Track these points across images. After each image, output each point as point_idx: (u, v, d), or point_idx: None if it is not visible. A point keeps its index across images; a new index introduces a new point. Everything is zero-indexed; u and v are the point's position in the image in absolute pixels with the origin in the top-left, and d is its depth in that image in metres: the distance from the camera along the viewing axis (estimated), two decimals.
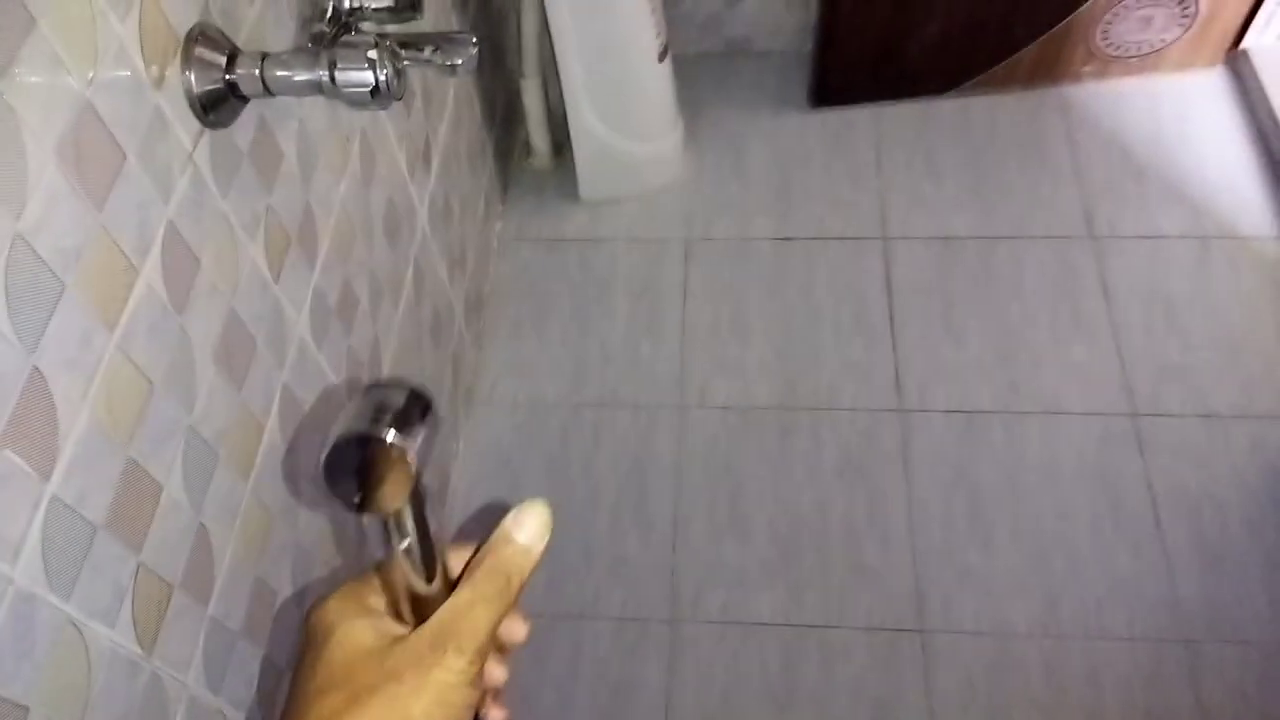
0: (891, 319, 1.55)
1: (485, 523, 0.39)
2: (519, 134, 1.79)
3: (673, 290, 1.61)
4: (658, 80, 1.58)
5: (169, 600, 0.70)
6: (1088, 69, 1.82)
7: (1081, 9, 1.70)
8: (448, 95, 1.39)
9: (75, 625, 0.60)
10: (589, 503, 1.41)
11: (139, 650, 0.67)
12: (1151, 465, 1.39)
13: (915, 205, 1.67)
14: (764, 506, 1.39)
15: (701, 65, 1.88)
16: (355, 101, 0.70)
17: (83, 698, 0.61)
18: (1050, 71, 1.81)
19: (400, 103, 1.18)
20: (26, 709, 0.56)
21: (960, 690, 1.24)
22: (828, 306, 1.57)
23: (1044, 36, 1.74)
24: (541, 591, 1.34)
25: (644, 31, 1.48)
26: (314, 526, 0.95)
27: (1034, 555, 1.33)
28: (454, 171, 1.42)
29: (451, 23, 1.37)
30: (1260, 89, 1.75)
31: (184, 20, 0.68)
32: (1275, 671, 1.23)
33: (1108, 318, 1.53)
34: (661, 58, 1.54)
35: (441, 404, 1.37)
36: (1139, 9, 1.71)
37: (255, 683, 0.84)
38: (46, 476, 0.57)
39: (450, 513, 1.41)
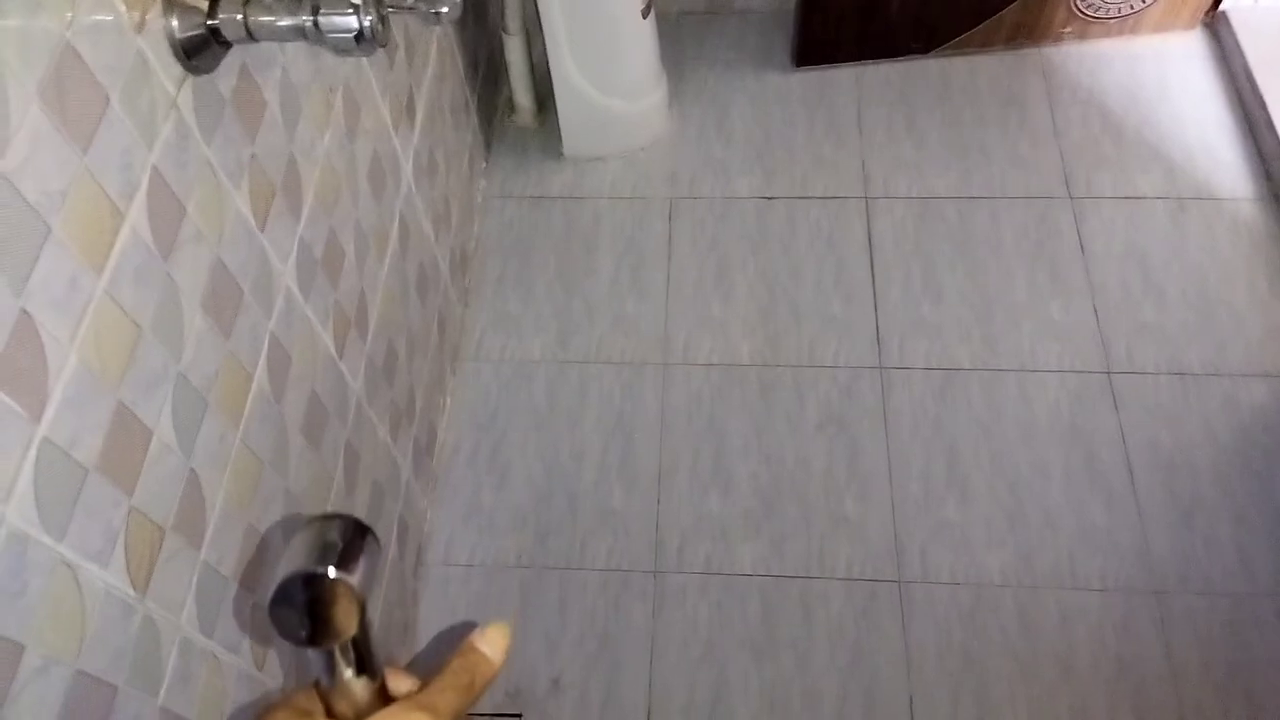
0: (873, 277, 1.56)
1: (450, 641, 0.41)
2: (502, 91, 1.78)
3: (657, 248, 1.62)
4: (641, 37, 1.57)
5: (161, 543, 0.71)
6: (1068, 30, 1.82)
7: None
8: (430, 49, 1.38)
9: (68, 565, 0.61)
10: (575, 457, 1.42)
11: (132, 591, 0.68)
12: (1126, 421, 1.42)
13: (896, 165, 1.68)
14: (747, 460, 1.41)
15: (684, 24, 1.87)
16: (339, 48, 0.69)
17: (78, 637, 0.62)
18: (1030, 32, 1.81)
19: (383, 55, 1.17)
20: (22, 646, 0.57)
21: (937, 639, 1.27)
22: (810, 265, 1.58)
23: None
24: (530, 543, 1.36)
25: None
26: (303, 475, 0.96)
27: (1009, 508, 1.36)
28: (438, 126, 1.42)
29: None
30: (1238, 51, 1.76)
31: None
32: (1242, 621, 1.27)
33: (1085, 277, 1.55)
34: (645, 14, 1.54)
35: (428, 360, 1.38)
36: None
37: (247, 626, 0.85)
38: (37, 418, 0.57)
39: (437, 469, 1.42)
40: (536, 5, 1.47)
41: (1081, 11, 1.79)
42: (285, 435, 0.92)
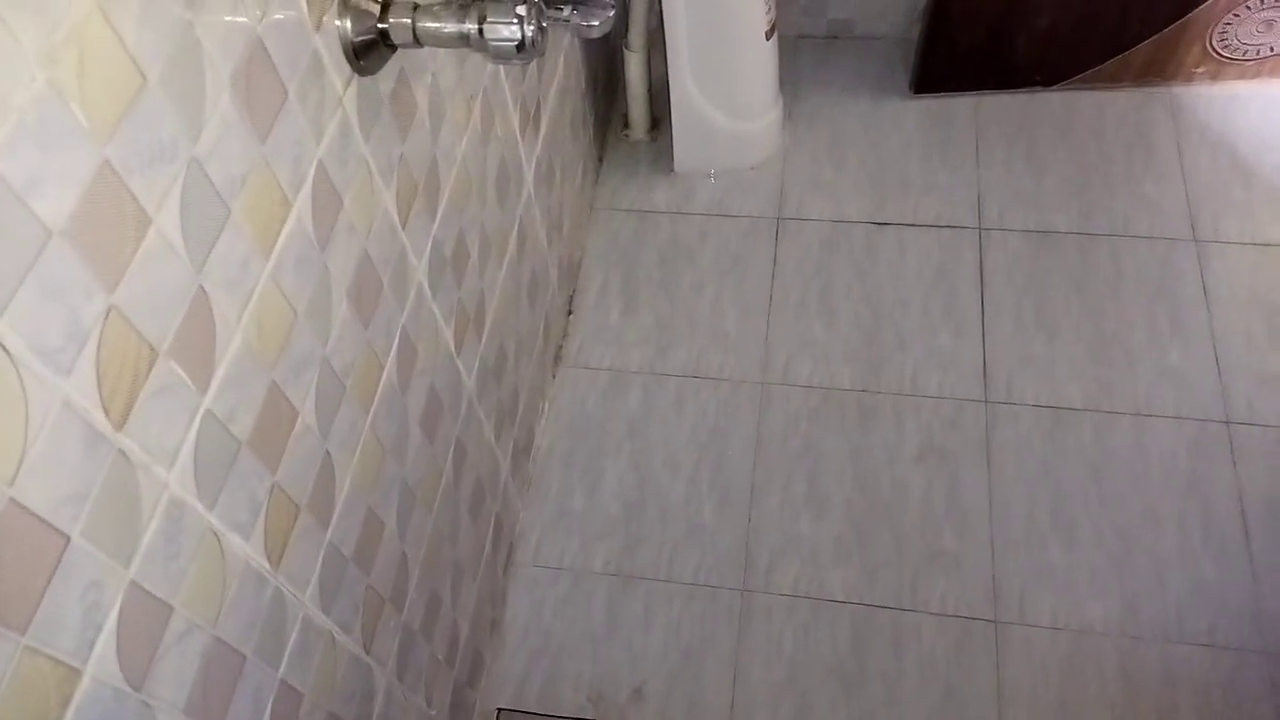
0: (982, 310, 1.53)
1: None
2: (618, 105, 1.81)
3: (762, 267, 1.62)
4: (762, 58, 1.58)
5: (296, 520, 0.74)
6: (1201, 70, 1.76)
7: (1200, 8, 1.65)
8: (558, 62, 1.41)
9: (216, 534, 0.64)
10: (668, 469, 1.43)
11: (268, 565, 0.71)
12: (1243, 474, 1.36)
13: (1013, 197, 1.65)
14: (842, 486, 1.39)
15: (803, 46, 1.87)
16: (500, 55, 0.72)
17: (217, 604, 0.65)
18: (1161, 70, 1.76)
19: (520, 64, 1.21)
20: (171, 608, 0.60)
21: (1032, 682, 1.24)
22: (917, 293, 1.56)
23: (1158, 35, 1.69)
24: (618, 553, 1.37)
25: (754, 8, 1.48)
26: (419, 465, 0.99)
27: (1116, 556, 1.31)
28: (558, 137, 1.45)
29: None
30: None
31: None
32: None
33: (1207, 323, 1.50)
34: (769, 36, 1.55)
35: (533, 363, 1.41)
36: (1263, 10, 1.66)
37: (360, 609, 0.88)
38: (204, 390, 0.60)
39: (533, 471, 1.45)
40: (661, 23, 1.49)
41: (1217, 52, 1.73)
42: (406, 426, 0.95)
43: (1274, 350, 1.46)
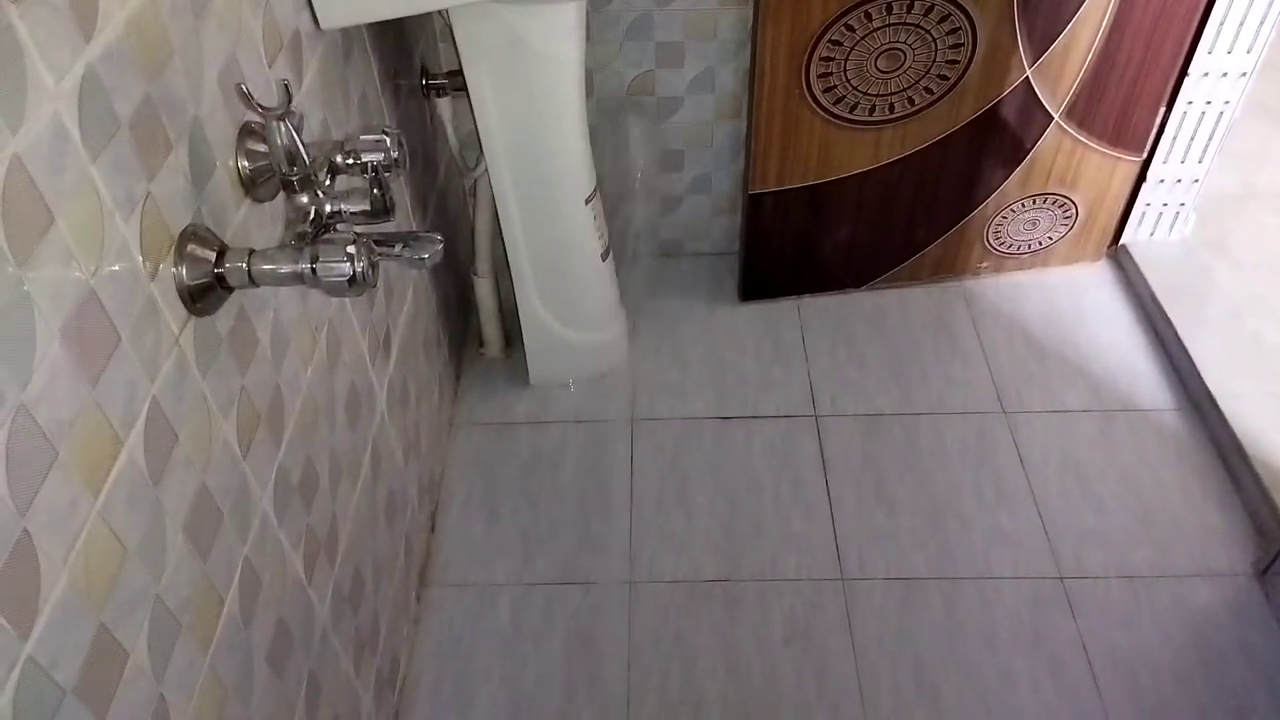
0: (828, 490, 1.63)
1: None
2: (472, 325, 1.90)
3: (620, 468, 1.68)
4: (600, 277, 1.72)
5: None
6: (984, 265, 2.02)
7: (973, 213, 1.92)
8: (407, 289, 1.50)
9: None
10: (542, 683, 1.40)
11: None
12: (1084, 626, 1.45)
13: (841, 386, 1.80)
14: (716, 679, 1.39)
15: (640, 264, 2.04)
16: (334, 290, 0.78)
17: None
18: (951, 267, 2.01)
19: (366, 295, 1.28)
20: None
21: None
22: (767, 480, 1.65)
23: (942, 238, 1.95)
24: None
25: (587, 236, 1.63)
26: (266, 704, 0.95)
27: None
28: (411, 359, 1.51)
29: (413, 224, 1.50)
30: (1142, 279, 1.96)
31: (178, 221, 0.77)
32: None
33: (1027, 485, 1.63)
34: (604, 257, 1.69)
35: (394, 585, 1.38)
36: (1025, 212, 1.94)
37: None
38: (25, 636, 0.59)
39: (399, 701, 1.38)
40: (505, 249, 1.61)
41: (994, 249, 2.00)
42: (251, 662, 0.92)
43: (1089, 506, 1.60)
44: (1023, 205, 1.93)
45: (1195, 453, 1.68)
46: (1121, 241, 2.04)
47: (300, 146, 0.79)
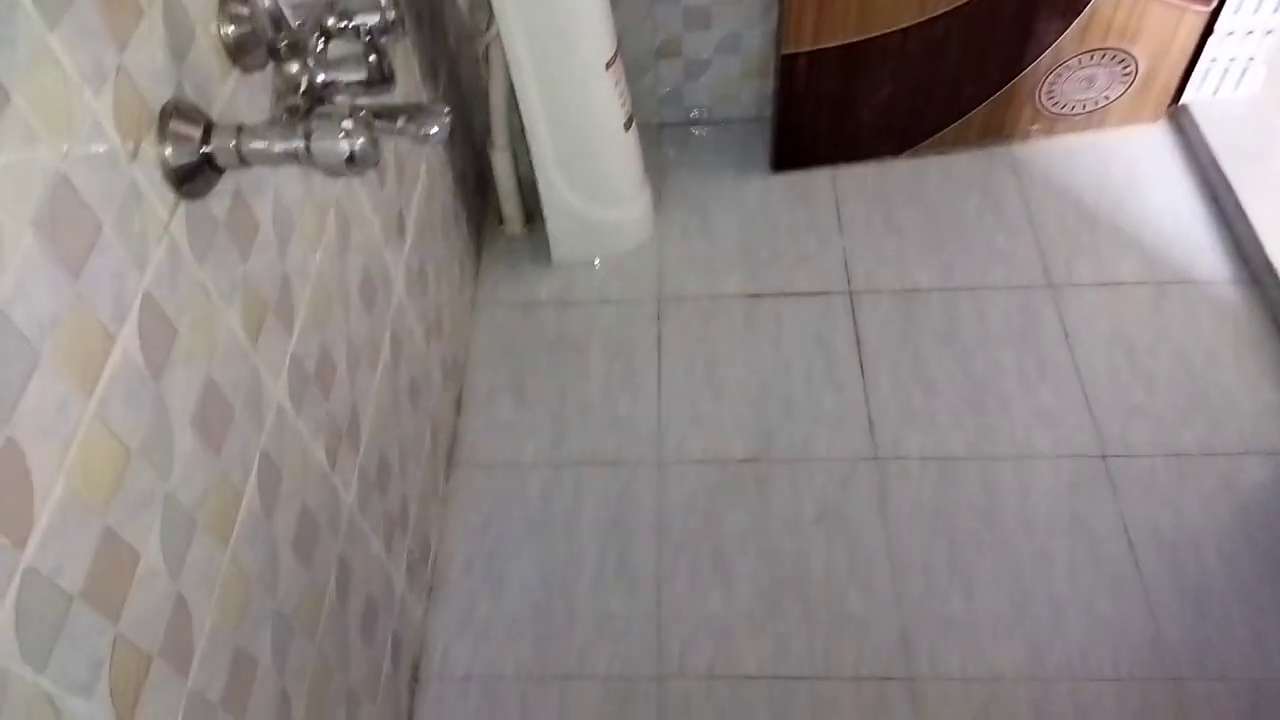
0: (862, 369, 1.58)
1: None
2: (491, 202, 1.82)
3: (647, 348, 1.63)
4: (624, 148, 1.62)
5: (148, 670, 0.69)
6: (1035, 127, 1.89)
7: (1025, 71, 1.78)
8: (420, 166, 1.42)
9: (50, 700, 0.59)
10: (572, 562, 1.40)
11: None
12: (1125, 506, 1.41)
13: (878, 260, 1.72)
14: (746, 558, 1.38)
15: (666, 134, 1.93)
16: (331, 170, 0.72)
17: None
18: (999, 130, 1.88)
19: (374, 174, 1.21)
20: None
21: None
22: (799, 359, 1.59)
23: (991, 98, 1.81)
24: (529, 654, 1.33)
25: (609, 104, 1.53)
26: (294, 592, 0.94)
27: (1016, 600, 1.33)
28: (428, 240, 1.45)
29: (423, 95, 1.41)
30: (1203, 141, 1.82)
31: (158, 96, 0.71)
32: (1261, 704, 1.23)
33: (1072, 363, 1.57)
34: (627, 127, 1.59)
35: (421, 469, 1.37)
36: (1081, 69, 1.79)
37: None
38: (21, 547, 0.56)
39: (432, 579, 1.40)
40: (522, 120, 1.52)
41: (1047, 109, 1.86)
42: (275, 552, 0.91)
43: (1138, 383, 1.54)
44: (1079, 61, 1.78)
45: (1252, 326, 1.59)
46: (1183, 100, 1.88)
47: (282, 8, 0.71)
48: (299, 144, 0.71)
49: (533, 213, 1.77)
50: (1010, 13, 1.67)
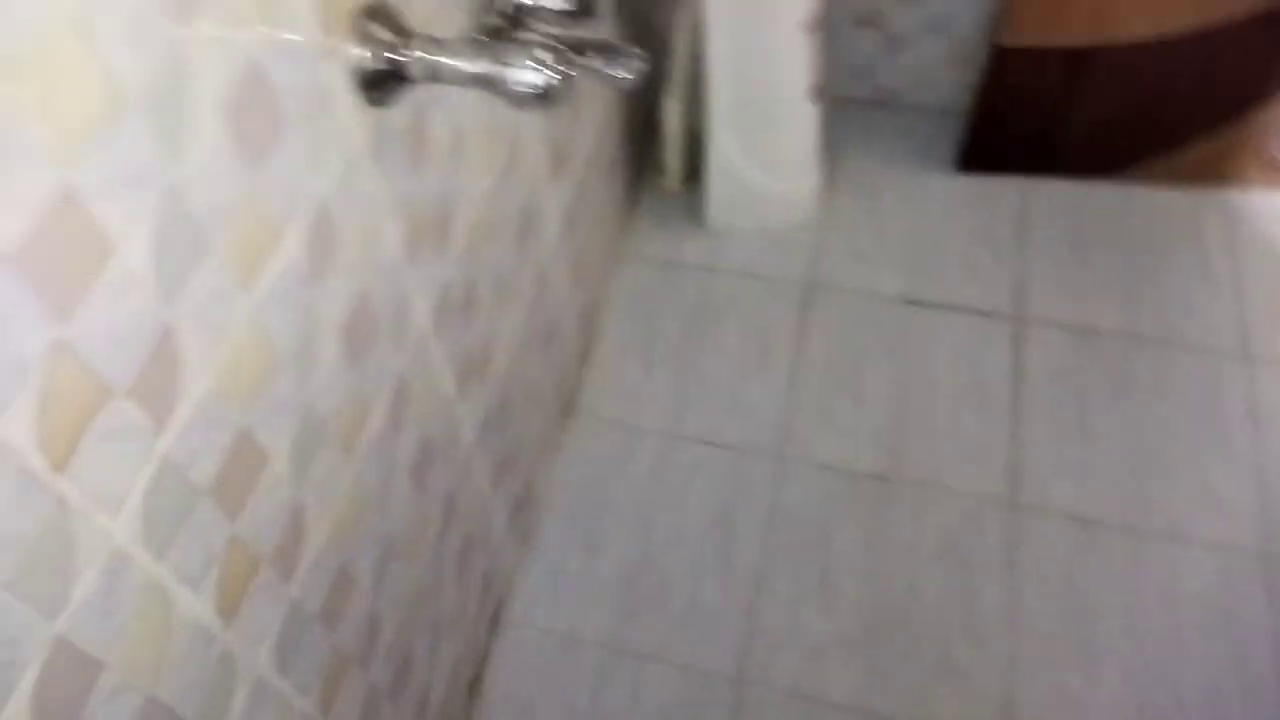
0: (1016, 405, 1.46)
1: None
2: (653, 151, 1.76)
3: (787, 333, 1.56)
4: (805, 118, 1.53)
5: (255, 574, 0.69)
6: (1259, 177, 1.69)
7: (1259, 112, 1.59)
8: (595, 104, 1.37)
9: (163, 588, 0.59)
10: (672, 539, 1.36)
11: (219, 621, 0.65)
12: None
13: (1057, 289, 1.58)
14: (853, 579, 1.31)
15: (847, 111, 1.82)
16: (518, 101, 0.67)
17: (157, 663, 0.60)
18: (1219, 172, 1.69)
19: (541, 111, 1.16)
20: (103, 666, 0.54)
21: None
22: (948, 379, 1.49)
23: (1217, 136, 1.63)
24: (611, 623, 1.30)
25: (798, 69, 1.44)
26: (404, 517, 0.93)
27: (1140, 693, 1.22)
28: (589, 183, 1.40)
29: (609, 30, 1.35)
30: None
31: None
32: None
33: (1252, 446, 1.41)
34: (813, 96, 1.50)
35: (540, 415, 1.35)
36: None
37: (321, 670, 0.82)
38: (161, 433, 0.55)
39: (531, 526, 1.38)
40: (704, 72, 1.45)
41: (1278, 160, 1.66)
42: (392, 476, 0.89)
43: None
44: None
45: None
46: None
47: None
48: (491, 69, 0.67)
49: (694, 169, 1.70)
50: (1258, 46, 1.49)
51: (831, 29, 1.62)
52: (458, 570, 1.13)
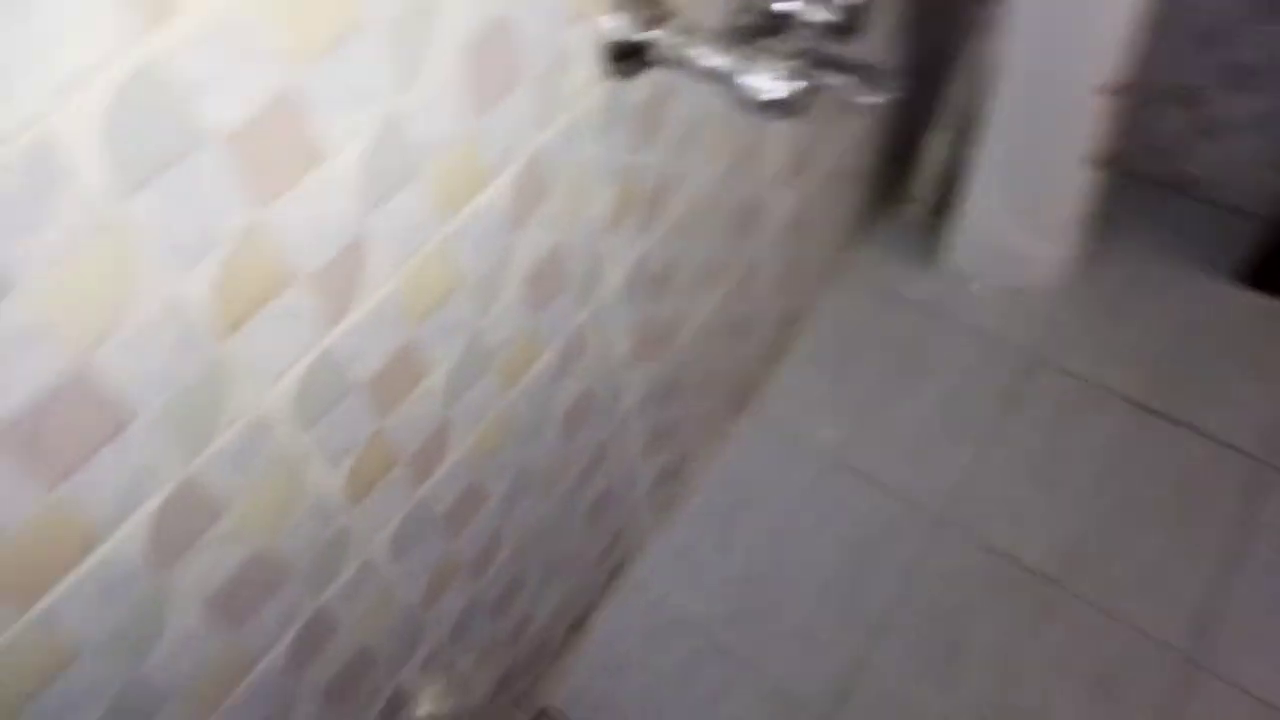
0: (1232, 554, 1.28)
1: None
2: (904, 178, 1.69)
3: (994, 400, 1.46)
4: (1080, 183, 1.41)
5: (390, 469, 0.74)
6: None
7: None
8: (850, 120, 1.34)
9: (298, 460, 0.64)
10: (805, 561, 1.33)
11: (344, 501, 0.71)
12: None
13: None
14: (982, 674, 1.22)
15: (1137, 188, 1.65)
16: (746, 106, 0.67)
17: (274, 524, 0.65)
18: None
19: (770, 119, 1.15)
20: (220, 514, 0.60)
21: None
22: (1163, 502, 1.33)
23: None
24: (721, 617, 1.30)
25: (1085, 130, 1.32)
26: (547, 456, 0.97)
27: None
28: (823, 191, 1.38)
29: (877, 48, 1.30)
30: None
31: None
32: None
33: None
34: (1094, 165, 1.38)
35: (712, 401, 1.35)
36: None
37: (432, 568, 0.87)
38: (332, 326, 0.61)
39: (673, 500, 1.40)
40: (980, 112, 1.37)
41: None
42: (545, 417, 0.93)
43: None
44: None
45: None
46: None
47: None
48: (732, 68, 0.67)
49: (944, 206, 1.62)
50: None
51: (1137, 99, 1.47)
52: (589, 520, 1.17)
